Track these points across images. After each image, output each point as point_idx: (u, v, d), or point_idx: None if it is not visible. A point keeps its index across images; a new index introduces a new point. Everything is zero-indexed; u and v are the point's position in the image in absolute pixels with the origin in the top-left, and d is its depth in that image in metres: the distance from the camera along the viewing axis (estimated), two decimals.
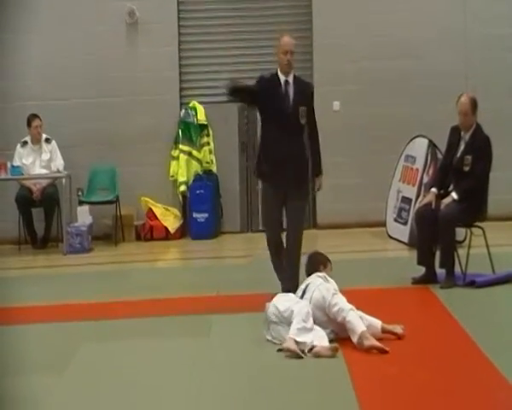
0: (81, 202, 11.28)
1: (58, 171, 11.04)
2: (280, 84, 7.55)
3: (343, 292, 7.07)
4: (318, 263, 6.60)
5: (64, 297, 8.51)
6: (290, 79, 7.55)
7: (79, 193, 11.31)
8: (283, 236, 7.87)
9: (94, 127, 11.88)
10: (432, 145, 11.10)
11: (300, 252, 7.75)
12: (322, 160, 7.94)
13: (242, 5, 12.62)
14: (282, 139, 7.49)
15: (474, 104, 8.93)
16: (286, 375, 6.12)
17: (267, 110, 7.63)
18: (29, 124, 11.00)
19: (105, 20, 12.08)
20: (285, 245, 7.81)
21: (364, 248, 11.40)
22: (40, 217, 11.43)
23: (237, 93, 7.72)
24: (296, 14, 12.76)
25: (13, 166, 10.74)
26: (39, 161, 11.05)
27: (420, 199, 10.61)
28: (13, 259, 11.36)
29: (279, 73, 7.54)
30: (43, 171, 11.14)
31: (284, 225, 7.95)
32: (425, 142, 11.20)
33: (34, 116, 11.09)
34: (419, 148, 11.46)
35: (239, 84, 7.87)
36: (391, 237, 11.57)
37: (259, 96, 7.62)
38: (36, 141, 10.99)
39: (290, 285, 7.40)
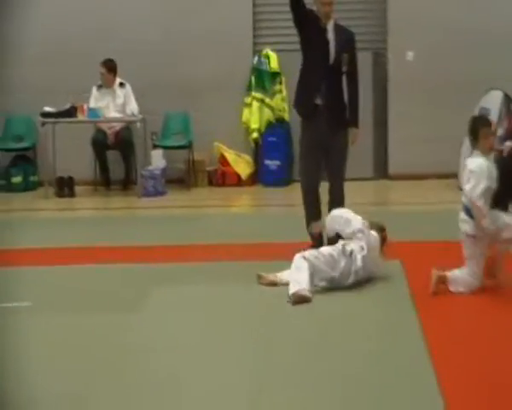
0: (155, 146, 11.27)
1: (133, 115, 10.94)
2: (323, 30, 7.43)
3: (415, 244, 7.90)
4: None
5: (137, 240, 8.55)
6: (330, 27, 7.44)
7: (153, 137, 11.27)
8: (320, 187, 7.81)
9: (168, 74, 11.79)
10: (507, 98, 11.01)
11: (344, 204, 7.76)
12: (359, 110, 7.66)
13: None
14: (321, 84, 7.42)
15: None
16: (353, 325, 6.08)
17: (309, 53, 7.52)
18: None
19: None
20: (328, 198, 7.70)
21: (436, 199, 11.21)
22: (115, 160, 11.41)
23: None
24: None
25: (90, 109, 10.67)
26: (113, 105, 10.99)
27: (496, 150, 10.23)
28: (88, 200, 11.54)
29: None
30: (117, 115, 11.05)
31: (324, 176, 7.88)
32: (500, 94, 11.00)
33: (102, 63, 11.01)
34: (494, 100, 11.22)
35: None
36: (463, 190, 11.55)
37: (305, 33, 7.46)
38: (108, 85, 10.95)
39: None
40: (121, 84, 11.08)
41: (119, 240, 8.52)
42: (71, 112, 10.84)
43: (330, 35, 7.47)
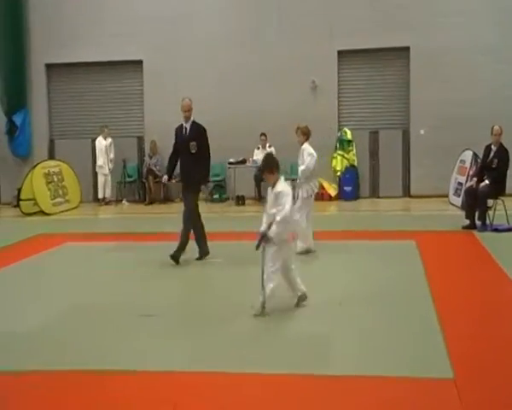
0: (286, 179, 14.68)
1: None
2: (182, 129, 9.64)
3: (424, 232, 10.29)
4: (273, 164, 6.95)
5: None
6: (188, 125, 9.65)
7: (286, 176, 12.90)
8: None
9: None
10: (474, 154, 14.19)
11: (190, 226, 9.57)
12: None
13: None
14: (183, 159, 9.61)
15: (501, 131, 11.24)
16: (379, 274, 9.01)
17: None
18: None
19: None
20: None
21: (436, 208, 14.43)
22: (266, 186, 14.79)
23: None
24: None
25: (253, 160, 15.60)
26: None
27: (467, 183, 13.23)
28: (251, 207, 15.09)
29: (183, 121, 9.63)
30: None
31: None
32: (470, 153, 14.42)
33: (262, 134, 15.55)
34: (467, 155, 14.67)
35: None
36: (451, 204, 14.79)
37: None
38: (263, 146, 15.62)
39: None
40: (269, 146, 15.85)
41: None
42: (243, 161, 15.77)
43: (187, 130, 9.57)
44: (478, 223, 11.38)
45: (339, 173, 16.39)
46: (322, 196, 16.19)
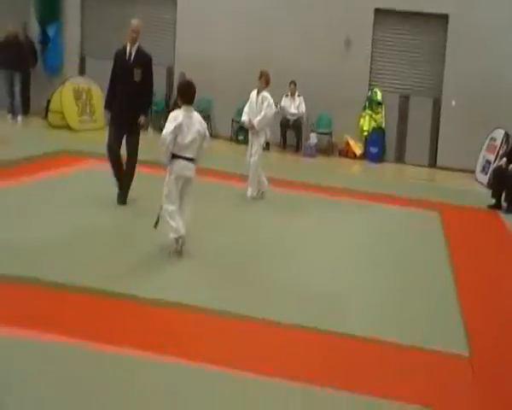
0: (312, 131, 16.00)
1: (302, 112, 15.78)
2: (125, 52, 8.54)
3: (448, 206, 10.30)
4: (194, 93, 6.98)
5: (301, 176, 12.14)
6: (134, 49, 8.59)
7: (312, 126, 16.01)
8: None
9: (327, 94, 15.90)
10: (506, 134, 14.17)
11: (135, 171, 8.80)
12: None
13: None
14: (123, 89, 8.44)
15: None
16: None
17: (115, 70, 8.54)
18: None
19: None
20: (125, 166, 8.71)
21: (460, 182, 14.40)
22: (290, 136, 16.14)
23: None
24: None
25: (281, 106, 15.34)
26: (293, 106, 15.91)
27: (496, 162, 13.38)
28: (277, 154, 15.53)
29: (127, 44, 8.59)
30: (295, 111, 15.90)
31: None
32: (502, 131, 14.29)
33: (291, 82, 15.49)
34: (499, 134, 14.53)
35: None
36: (477, 181, 14.71)
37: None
38: (292, 94, 15.66)
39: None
40: (298, 95, 15.91)
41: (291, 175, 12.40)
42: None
43: (132, 55, 8.62)
44: (504, 204, 11.40)
45: (366, 133, 16.29)
46: (346, 153, 16.20)
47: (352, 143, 16.33)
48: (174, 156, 6.78)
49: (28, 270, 5.93)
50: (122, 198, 8.74)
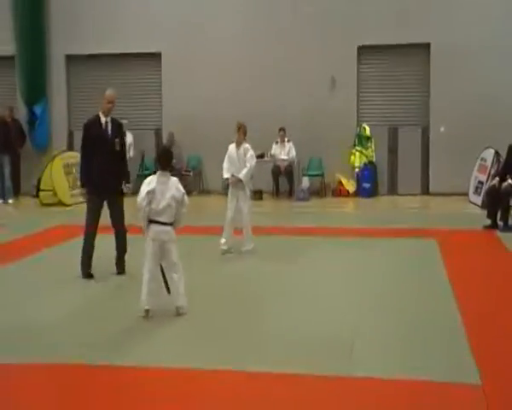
0: (304, 175, 16.07)
1: (293, 158, 15.91)
2: (100, 124, 8.51)
3: (444, 231, 10.27)
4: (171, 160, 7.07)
5: (295, 223, 12.19)
6: (109, 119, 8.59)
7: (303, 170, 16.12)
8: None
9: (315, 136, 16.09)
10: (496, 153, 14.14)
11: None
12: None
13: None
14: (104, 160, 8.27)
15: None
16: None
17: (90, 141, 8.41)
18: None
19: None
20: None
21: (456, 206, 14.47)
22: (282, 182, 16.20)
23: None
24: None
25: (271, 155, 15.82)
26: (283, 152, 16.05)
27: (488, 183, 13.42)
28: (268, 202, 15.74)
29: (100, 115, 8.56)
30: (285, 157, 16.01)
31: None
32: (492, 151, 14.30)
33: (280, 129, 15.66)
34: (489, 154, 14.53)
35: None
36: (471, 202, 14.72)
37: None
38: (282, 141, 15.83)
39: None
40: (288, 141, 15.97)
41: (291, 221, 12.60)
42: (261, 156, 15.69)
43: (109, 125, 8.58)
44: (500, 223, 11.36)
45: (357, 170, 16.36)
46: (339, 192, 16.25)
47: (344, 181, 16.42)
48: (150, 221, 6.75)
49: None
50: (120, 268, 8.79)
